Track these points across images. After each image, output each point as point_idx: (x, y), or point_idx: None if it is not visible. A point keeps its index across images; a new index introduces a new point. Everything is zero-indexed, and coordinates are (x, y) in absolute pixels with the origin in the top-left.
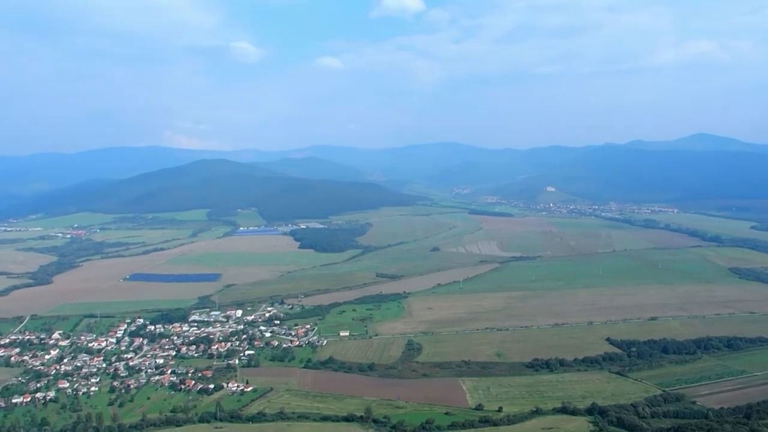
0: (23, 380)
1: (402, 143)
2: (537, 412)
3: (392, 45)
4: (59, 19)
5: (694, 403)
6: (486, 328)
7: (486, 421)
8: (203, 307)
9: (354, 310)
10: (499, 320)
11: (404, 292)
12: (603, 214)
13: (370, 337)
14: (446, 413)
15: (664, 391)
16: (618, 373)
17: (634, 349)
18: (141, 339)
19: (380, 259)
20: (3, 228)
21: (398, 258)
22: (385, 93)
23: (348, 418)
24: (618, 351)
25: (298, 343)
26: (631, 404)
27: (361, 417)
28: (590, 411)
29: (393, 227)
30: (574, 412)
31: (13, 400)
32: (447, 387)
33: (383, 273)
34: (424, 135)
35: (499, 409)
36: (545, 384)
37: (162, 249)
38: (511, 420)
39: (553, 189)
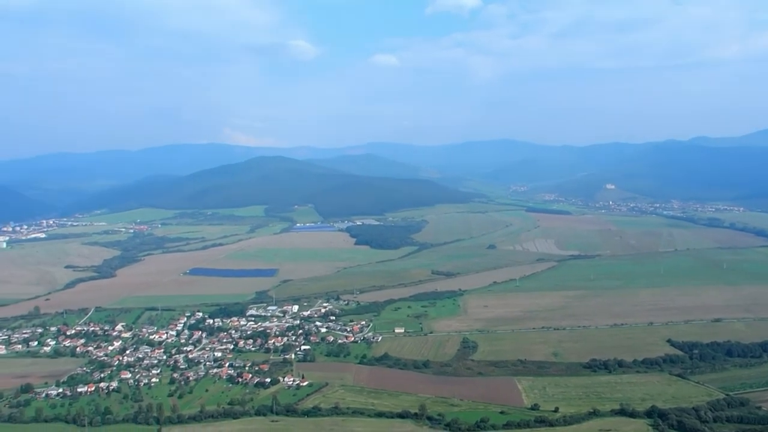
0: (88, 370)
1: (458, 140)
2: (594, 414)
3: (448, 41)
4: (125, 19)
5: (759, 408)
6: (542, 327)
7: (542, 422)
8: (260, 302)
9: (409, 307)
10: (556, 319)
11: (459, 289)
12: (664, 212)
13: (425, 335)
14: (501, 412)
15: (727, 395)
16: (679, 375)
17: (696, 351)
18: (200, 332)
19: (436, 257)
20: (70, 223)
21: (454, 255)
22: (440, 90)
23: (402, 415)
24: (679, 353)
25: (353, 339)
26: (693, 408)
27: (416, 414)
28: (650, 414)
29: (449, 224)
30: (632, 415)
31: (79, 389)
32: (502, 386)
33: (439, 270)
34: (480, 132)
35: (556, 410)
36: (603, 385)
37: (221, 244)
38: (567, 421)
39: (612, 186)
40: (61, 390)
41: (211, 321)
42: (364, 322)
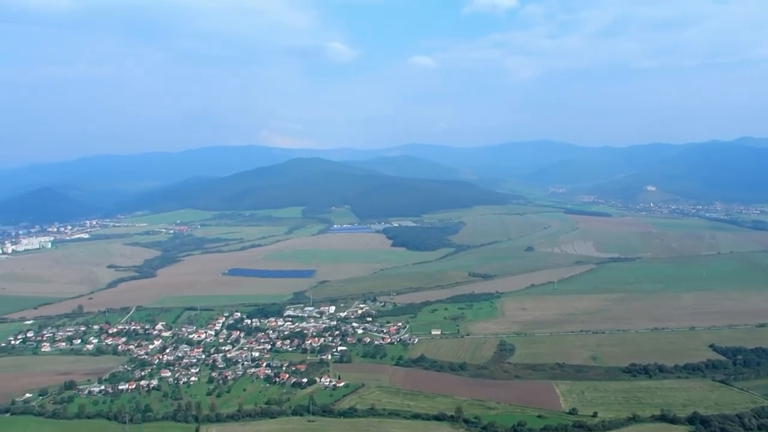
0: (129, 368)
1: (495, 141)
2: (634, 419)
3: (485, 42)
4: (166, 24)
5: None
6: (581, 331)
7: (580, 426)
8: (298, 303)
9: (446, 308)
10: (595, 323)
11: (497, 291)
12: (707, 214)
13: (462, 337)
14: (539, 416)
15: None
16: (722, 381)
17: (740, 356)
18: (238, 332)
19: (473, 258)
20: (112, 223)
21: (491, 257)
22: (478, 91)
23: (439, 417)
24: (722, 358)
25: (389, 340)
26: (736, 415)
27: (452, 416)
28: (691, 420)
29: (486, 226)
30: (673, 421)
31: (120, 387)
32: (540, 389)
33: (476, 272)
34: (518, 133)
35: (594, 414)
36: (643, 390)
37: (259, 245)
38: (606, 426)
39: (653, 188)
40: (103, 387)
41: (249, 321)
42: (400, 324)
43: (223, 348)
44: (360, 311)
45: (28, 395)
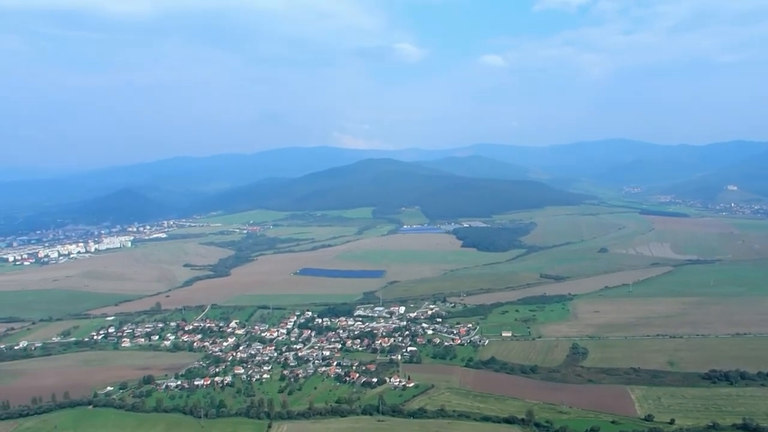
0: (204, 364)
1: (568, 140)
2: (714, 428)
3: (556, 39)
4: (238, 29)
5: None
6: (657, 335)
7: None
8: (368, 303)
9: (517, 310)
10: (672, 327)
11: (569, 294)
12: None
13: (533, 339)
14: (612, 422)
15: None
16: None
17: None
18: (309, 331)
19: (544, 260)
20: (188, 223)
21: (563, 259)
22: (549, 89)
23: (509, 420)
24: None
25: (459, 341)
26: None
27: (523, 420)
28: None
29: (558, 227)
30: (756, 430)
31: (195, 382)
32: (613, 394)
33: (547, 274)
34: (591, 131)
35: (671, 422)
36: (723, 397)
37: (329, 245)
38: None
39: (734, 187)
40: (179, 382)
41: (319, 320)
42: (470, 325)
43: (295, 346)
44: (430, 312)
45: (109, 388)
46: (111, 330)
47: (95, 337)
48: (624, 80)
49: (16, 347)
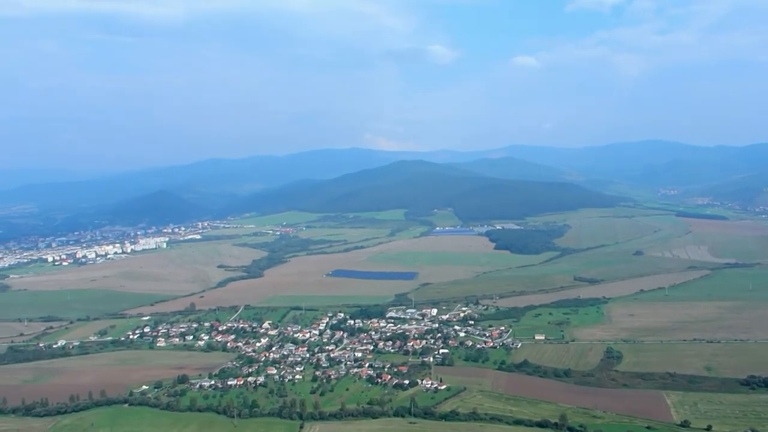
0: (237, 364)
1: (602, 141)
2: None
3: (591, 40)
4: (271, 31)
5: None
6: (694, 339)
7: None
8: (400, 305)
9: (550, 313)
10: (710, 331)
11: (604, 297)
12: None
13: (567, 342)
14: (648, 427)
15: None
16: None
17: None
18: (341, 332)
19: (578, 262)
20: (222, 225)
21: (598, 261)
22: (583, 90)
23: (542, 424)
24: None
25: (492, 344)
26: None
27: (556, 424)
28: None
29: (592, 229)
30: None
31: (229, 382)
32: (649, 399)
33: (581, 276)
34: (626, 132)
35: (708, 428)
36: (763, 404)
37: (362, 247)
38: None
39: None
40: (213, 382)
41: (352, 322)
42: (503, 328)
43: (327, 347)
44: (462, 314)
45: (144, 387)
46: (146, 330)
47: (131, 337)
48: (660, 80)
49: (54, 346)
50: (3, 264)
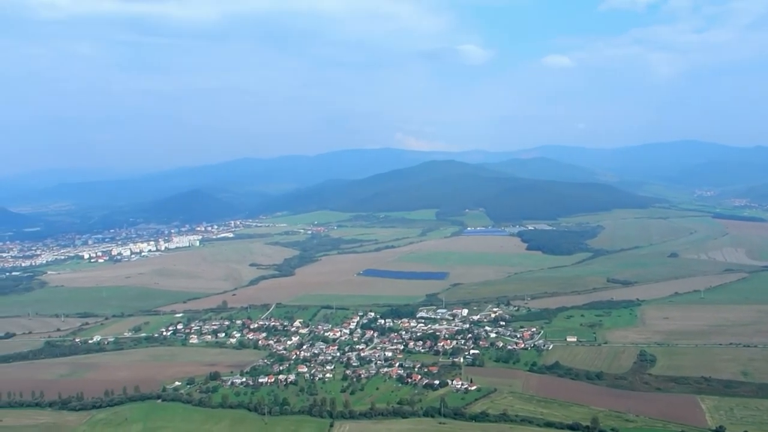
0: (268, 362)
1: (636, 142)
2: None
3: (625, 38)
4: (301, 32)
5: None
6: (730, 344)
7: None
8: (430, 305)
9: (582, 315)
10: (747, 335)
11: (637, 299)
12: None
13: (599, 345)
14: None
15: None
16: None
17: None
18: (372, 332)
19: (612, 264)
20: (254, 223)
21: (631, 263)
22: (616, 89)
23: (573, 427)
24: None
25: (523, 345)
26: None
27: (588, 427)
28: None
29: (626, 230)
30: None
31: (260, 380)
32: (683, 404)
33: (614, 278)
34: (660, 132)
35: None
36: None
37: (393, 247)
38: None
39: None
40: (244, 379)
41: (382, 321)
42: (534, 329)
43: (357, 347)
44: (493, 315)
45: (177, 383)
46: (179, 326)
47: (164, 333)
48: (696, 79)
49: (90, 341)
50: (41, 260)
